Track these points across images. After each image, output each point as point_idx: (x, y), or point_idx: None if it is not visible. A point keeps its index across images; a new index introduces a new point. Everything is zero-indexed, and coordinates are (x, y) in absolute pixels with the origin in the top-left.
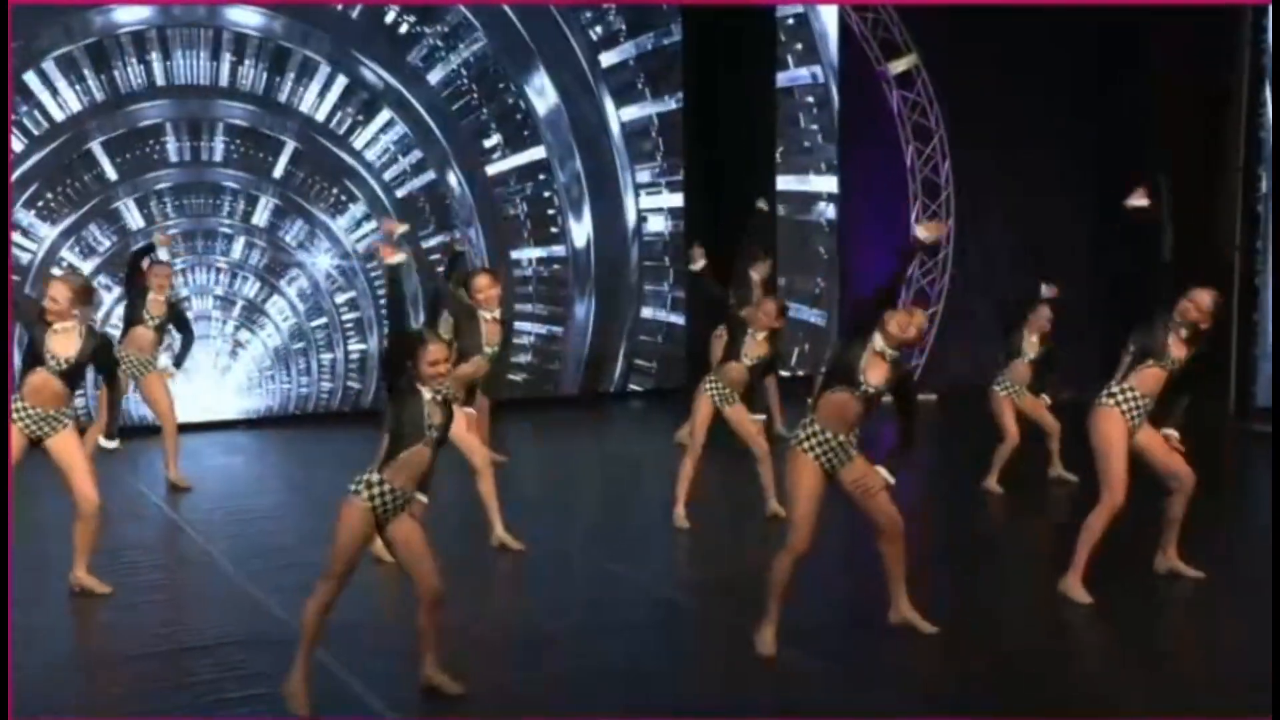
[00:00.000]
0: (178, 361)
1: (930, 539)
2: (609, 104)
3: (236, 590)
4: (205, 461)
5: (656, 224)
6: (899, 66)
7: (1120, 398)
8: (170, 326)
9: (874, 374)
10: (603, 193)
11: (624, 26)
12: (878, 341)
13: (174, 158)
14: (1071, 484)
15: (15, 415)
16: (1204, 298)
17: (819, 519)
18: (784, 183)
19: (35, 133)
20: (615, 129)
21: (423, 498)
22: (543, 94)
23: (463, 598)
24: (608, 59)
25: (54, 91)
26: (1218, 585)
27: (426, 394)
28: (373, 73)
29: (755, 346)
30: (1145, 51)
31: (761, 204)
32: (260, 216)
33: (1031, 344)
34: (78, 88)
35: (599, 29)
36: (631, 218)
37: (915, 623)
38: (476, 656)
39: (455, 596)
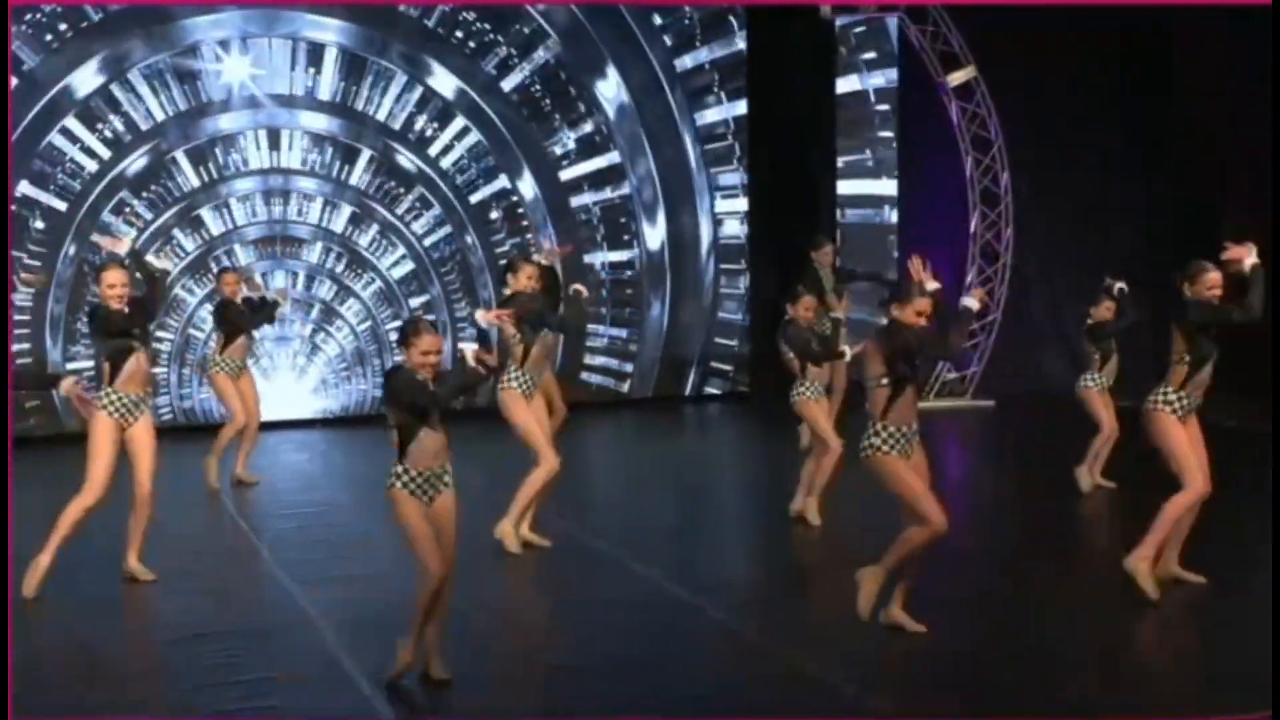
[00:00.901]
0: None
1: (981, 541)
2: (683, 108)
3: (268, 581)
4: (275, 458)
5: (732, 227)
6: (958, 78)
7: (1178, 403)
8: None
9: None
10: (678, 197)
11: (699, 31)
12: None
13: (253, 165)
14: (1110, 489)
15: (108, 404)
16: (1213, 275)
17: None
18: (848, 187)
19: (122, 140)
20: (689, 133)
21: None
22: (616, 99)
23: (471, 586)
24: (682, 63)
25: (139, 101)
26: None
27: (418, 378)
28: (447, 81)
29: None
30: (1202, 61)
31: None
32: (337, 222)
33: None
34: (162, 97)
35: (672, 34)
36: (707, 221)
37: (905, 624)
38: (469, 643)
39: (466, 585)
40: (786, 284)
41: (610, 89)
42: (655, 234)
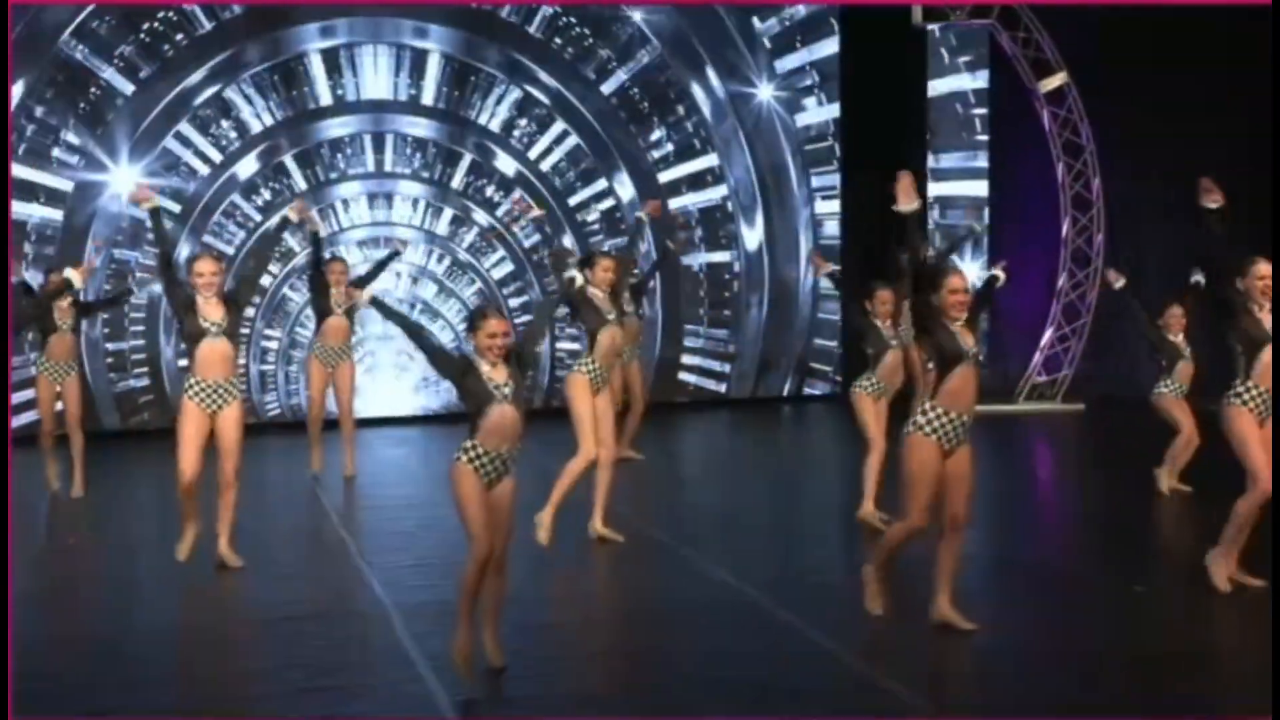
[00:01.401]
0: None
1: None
2: (782, 110)
3: (349, 568)
4: (373, 453)
5: (831, 228)
6: (1050, 84)
7: (1246, 395)
8: (358, 312)
9: (968, 340)
10: (776, 198)
11: (799, 34)
12: (952, 323)
13: (358, 169)
14: (1186, 493)
15: (191, 392)
16: (1262, 266)
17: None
18: (940, 189)
19: (233, 146)
20: (787, 135)
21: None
22: (714, 101)
23: (535, 579)
24: (781, 65)
25: (250, 106)
26: None
27: (483, 364)
28: (547, 85)
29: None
30: None
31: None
32: (439, 224)
33: (1181, 343)
34: (271, 102)
35: (771, 37)
36: (805, 223)
37: (955, 622)
38: (532, 634)
39: (531, 578)
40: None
41: (708, 91)
42: (753, 235)
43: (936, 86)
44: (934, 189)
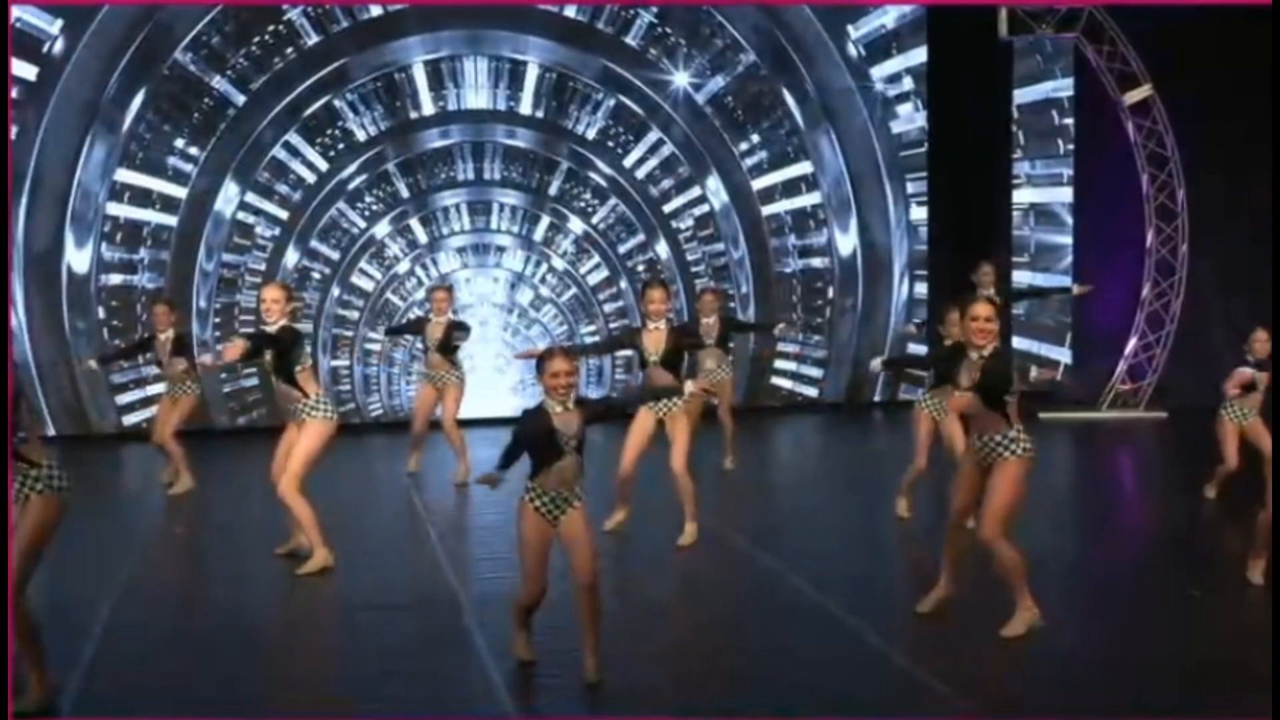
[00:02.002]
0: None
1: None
2: (876, 116)
3: (428, 562)
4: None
5: (925, 233)
6: (1134, 96)
7: None
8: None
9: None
10: (870, 204)
11: (894, 42)
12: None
13: (459, 178)
14: None
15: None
16: None
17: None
18: (1025, 197)
19: (339, 155)
20: (881, 141)
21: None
22: (808, 109)
23: (612, 579)
24: (876, 72)
25: (355, 117)
26: None
27: (555, 407)
28: (642, 94)
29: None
30: None
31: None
32: (536, 231)
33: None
34: (376, 113)
35: (865, 45)
36: (898, 228)
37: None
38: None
39: (608, 577)
40: (958, 292)
41: (802, 98)
42: (847, 241)
43: (1022, 96)
44: (1019, 196)
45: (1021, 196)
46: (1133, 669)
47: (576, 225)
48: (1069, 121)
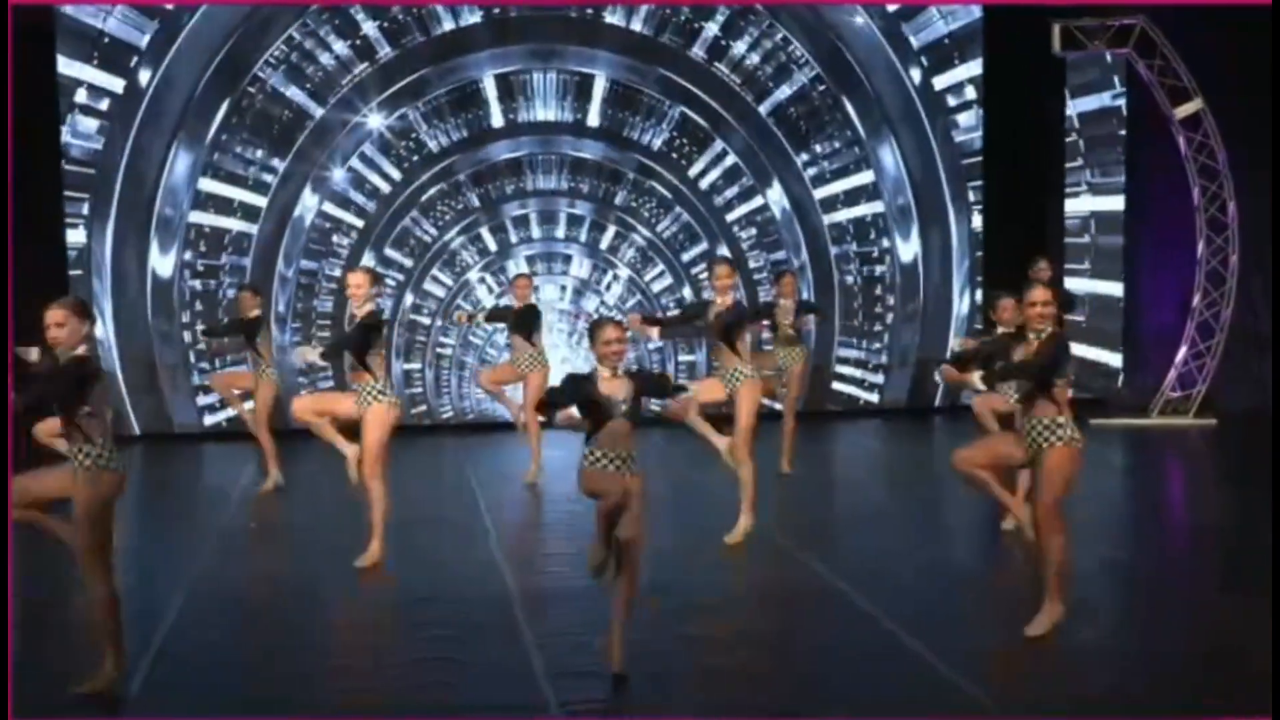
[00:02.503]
0: None
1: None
2: (937, 125)
3: (484, 557)
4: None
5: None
6: (1185, 111)
7: None
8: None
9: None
10: (931, 211)
11: (956, 51)
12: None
13: (528, 188)
14: None
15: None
16: None
17: None
18: (1077, 206)
19: (413, 166)
20: (942, 150)
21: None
22: (870, 119)
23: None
24: (940, 82)
25: (429, 128)
26: None
27: (604, 372)
28: (705, 106)
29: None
30: None
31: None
32: (603, 240)
33: None
34: (448, 125)
35: (929, 55)
36: (958, 235)
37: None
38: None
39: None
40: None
41: (865, 109)
42: (909, 248)
43: (1076, 108)
44: (1073, 206)
45: (1075, 206)
46: (1149, 665)
47: (641, 234)
48: (1121, 134)
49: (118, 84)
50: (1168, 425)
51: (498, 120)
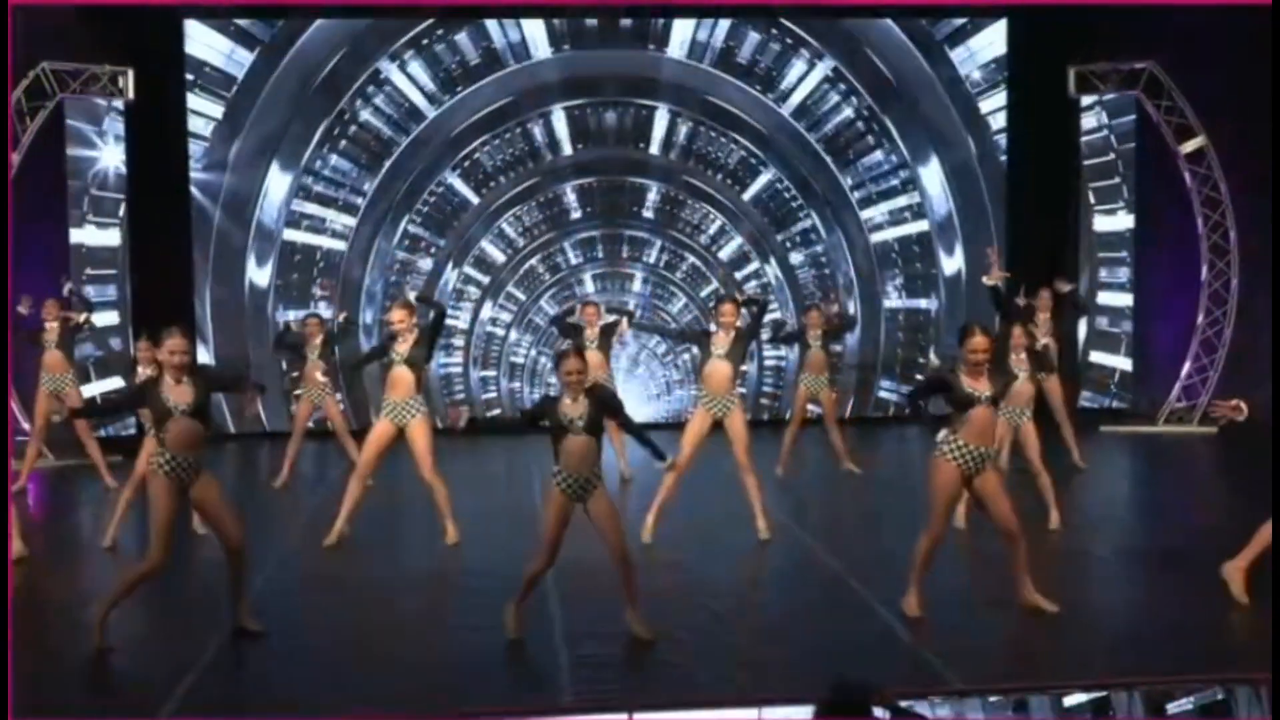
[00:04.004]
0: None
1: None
2: (983, 150)
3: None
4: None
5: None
6: (1189, 146)
7: None
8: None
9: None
10: (974, 232)
11: (1005, 74)
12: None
13: (592, 213)
14: None
15: (384, 408)
16: None
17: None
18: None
19: (490, 190)
20: (986, 175)
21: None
22: (916, 143)
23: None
24: (984, 106)
25: (503, 155)
26: None
27: (566, 398)
28: (756, 131)
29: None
30: None
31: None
32: (661, 260)
33: None
34: (519, 151)
35: (972, 83)
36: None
37: (1042, 604)
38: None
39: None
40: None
41: (913, 134)
42: (951, 263)
43: (1092, 144)
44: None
45: (1095, 228)
46: (1122, 640)
47: (698, 255)
48: (1131, 169)
49: (217, 110)
50: (1173, 432)
51: (566, 149)
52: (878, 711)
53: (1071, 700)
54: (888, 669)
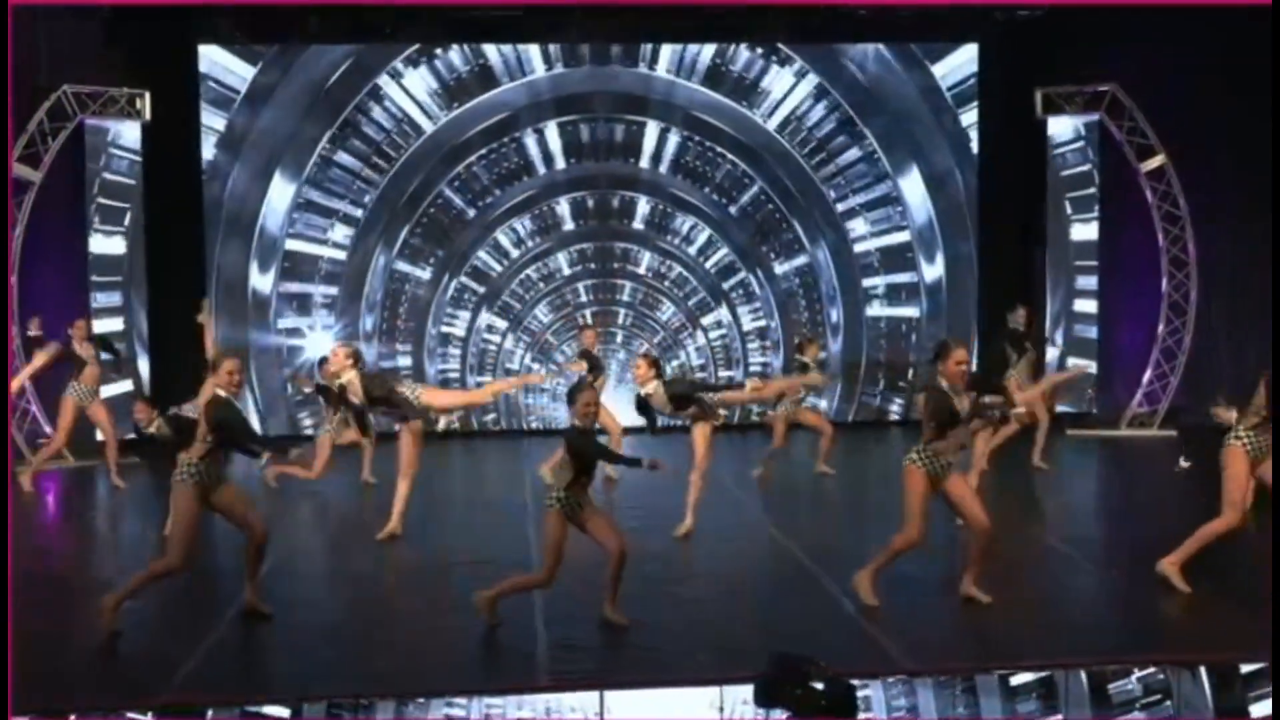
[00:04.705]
0: None
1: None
2: (959, 157)
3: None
4: None
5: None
6: (1150, 164)
7: (1250, 440)
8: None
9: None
10: (954, 244)
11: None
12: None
13: (585, 226)
14: None
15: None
16: None
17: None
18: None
19: (485, 205)
20: (965, 186)
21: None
22: (897, 155)
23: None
24: (966, 119)
25: (498, 172)
26: None
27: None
28: (743, 148)
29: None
30: None
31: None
32: (650, 269)
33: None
34: (511, 168)
35: (956, 88)
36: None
37: (978, 596)
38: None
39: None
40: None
41: (894, 146)
42: (932, 270)
43: (1068, 156)
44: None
45: (1055, 246)
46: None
47: (686, 267)
48: (1096, 185)
49: (220, 122)
50: (1135, 436)
51: (560, 165)
52: (816, 685)
53: (1018, 680)
54: (842, 650)
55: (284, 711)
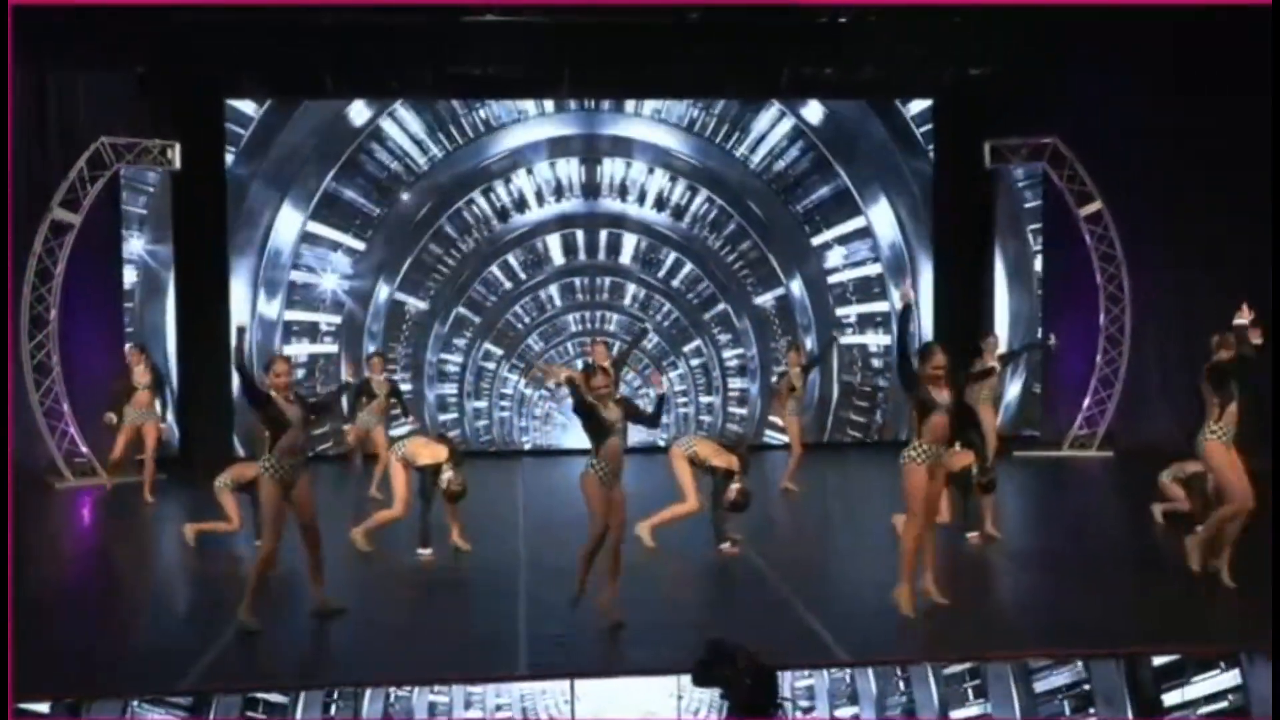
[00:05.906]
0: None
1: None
2: (924, 192)
3: (514, 549)
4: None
5: None
6: (1088, 209)
7: (1220, 431)
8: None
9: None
10: (922, 273)
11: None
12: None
13: (575, 261)
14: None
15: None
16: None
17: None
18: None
19: (479, 241)
20: (932, 219)
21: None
22: (867, 191)
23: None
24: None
25: (493, 210)
26: None
27: (600, 406)
28: (724, 185)
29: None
30: None
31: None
32: (635, 302)
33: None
34: (508, 204)
35: (919, 127)
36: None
37: (936, 595)
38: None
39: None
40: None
41: (862, 181)
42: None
43: (1004, 208)
44: (1001, 284)
45: (1003, 284)
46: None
47: (671, 299)
48: (1039, 226)
49: (228, 157)
50: (1075, 456)
51: (551, 207)
52: (741, 667)
53: (951, 670)
54: (788, 644)
55: (283, 699)
